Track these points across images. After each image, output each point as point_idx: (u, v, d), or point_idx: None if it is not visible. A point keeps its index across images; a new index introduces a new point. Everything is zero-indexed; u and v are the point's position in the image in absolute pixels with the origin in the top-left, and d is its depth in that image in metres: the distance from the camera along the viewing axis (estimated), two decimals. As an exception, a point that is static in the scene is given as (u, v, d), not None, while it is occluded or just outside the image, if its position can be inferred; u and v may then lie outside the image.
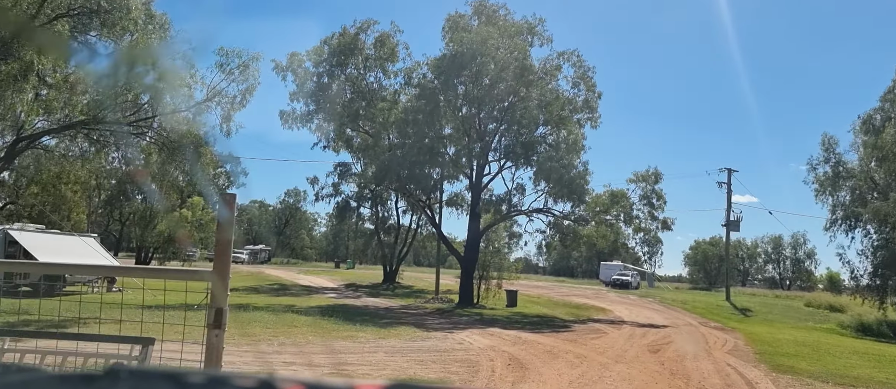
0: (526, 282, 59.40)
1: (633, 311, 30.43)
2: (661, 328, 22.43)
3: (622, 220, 28.30)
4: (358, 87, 27.37)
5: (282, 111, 26.12)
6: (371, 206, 43.30)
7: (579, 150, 28.20)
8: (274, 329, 13.63)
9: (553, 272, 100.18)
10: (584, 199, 27.23)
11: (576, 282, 69.34)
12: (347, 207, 42.61)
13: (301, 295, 30.41)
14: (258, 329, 13.26)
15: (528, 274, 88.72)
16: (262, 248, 79.04)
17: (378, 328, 15.98)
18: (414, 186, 26.70)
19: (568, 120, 27.97)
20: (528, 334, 17.09)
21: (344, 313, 21.05)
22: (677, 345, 16.27)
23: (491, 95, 27.23)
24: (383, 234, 44.46)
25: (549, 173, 25.57)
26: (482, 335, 15.91)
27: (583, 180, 26.74)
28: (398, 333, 15.17)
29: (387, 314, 22.38)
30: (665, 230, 27.90)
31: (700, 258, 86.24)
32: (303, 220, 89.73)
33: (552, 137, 28.50)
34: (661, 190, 28.10)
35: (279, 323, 14.85)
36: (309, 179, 41.12)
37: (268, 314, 17.23)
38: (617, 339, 17.08)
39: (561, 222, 28.43)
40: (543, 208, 28.29)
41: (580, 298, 38.79)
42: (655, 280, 69.86)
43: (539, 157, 26.01)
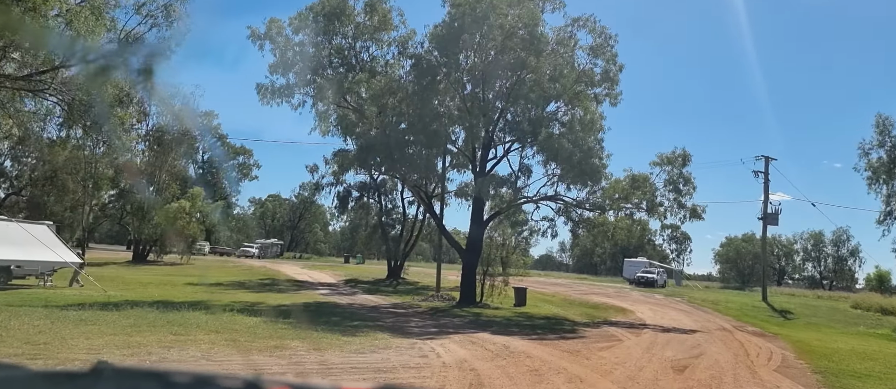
0: (544, 279, 55.97)
1: (658, 312, 26.92)
2: (688, 333, 18.98)
3: (645, 207, 24.76)
4: (346, 58, 24.34)
5: (259, 85, 23.19)
6: (374, 196, 40.35)
7: (596, 130, 24.76)
8: (188, 336, 10.67)
9: (576, 270, 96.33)
10: (600, 183, 23.80)
11: (598, 280, 65.59)
12: (349, 197, 39.77)
13: (286, 291, 27.62)
14: (161, 336, 10.32)
15: (549, 271, 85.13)
16: (274, 242, 76.89)
17: (336, 333, 12.94)
18: (406, 168, 23.54)
19: (584, 96, 24.51)
20: (522, 342, 13.87)
21: (314, 313, 18.09)
22: (710, 358, 12.89)
23: (497, 67, 23.94)
24: (387, 226, 41.52)
25: (559, 152, 22.22)
26: (462, 344, 12.76)
27: (598, 160, 23.32)
28: (355, 341, 12.11)
29: (368, 314, 19.36)
30: (694, 219, 24.29)
31: (732, 254, 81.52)
32: (317, 214, 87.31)
33: (566, 116, 25.11)
34: (690, 174, 24.53)
35: (206, 327, 11.89)
36: (308, 167, 38.36)
37: (211, 316, 14.33)
38: (633, 349, 13.76)
39: (572, 210, 25.03)
40: (553, 194, 24.92)
41: (599, 297, 35.31)
42: (683, 279, 65.67)
43: (548, 134, 22.66)
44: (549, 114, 24.97)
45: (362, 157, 22.72)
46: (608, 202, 25.16)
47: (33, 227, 21.96)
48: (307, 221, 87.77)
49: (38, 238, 21.10)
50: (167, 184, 47.20)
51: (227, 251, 71.58)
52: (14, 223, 21.41)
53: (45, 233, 21.70)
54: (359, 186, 39.84)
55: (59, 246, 21.74)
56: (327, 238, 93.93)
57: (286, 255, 77.21)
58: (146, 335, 10.21)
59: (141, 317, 12.81)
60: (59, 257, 21.14)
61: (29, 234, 20.80)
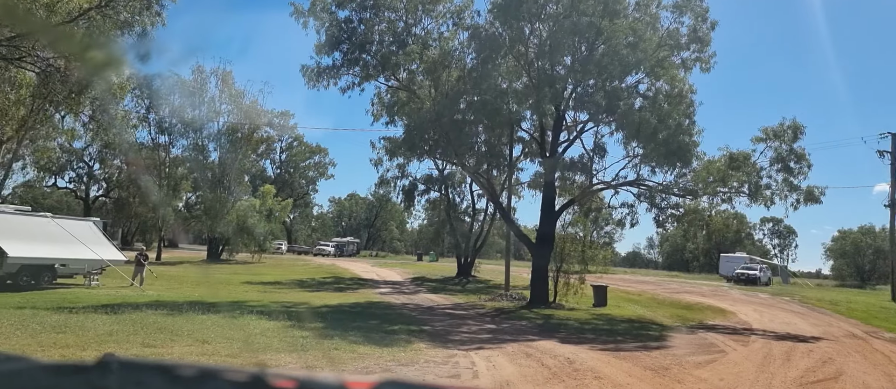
0: (629, 276, 51.74)
1: (765, 314, 22.91)
2: (810, 341, 15.27)
3: (746, 191, 20.93)
4: (397, 33, 22.11)
5: (303, 66, 21.41)
6: (440, 188, 38.13)
7: (686, 103, 21.21)
8: (162, 347, 8.68)
9: (666, 267, 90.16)
10: (690, 163, 20.26)
11: (690, 277, 60.28)
12: (414, 190, 37.73)
13: (344, 290, 25.83)
14: (130, 346, 8.37)
15: (636, 269, 79.92)
16: (350, 240, 76.58)
17: (360, 343, 10.63)
18: (465, 152, 20.90)
19: (668, 63, 21.03)
20: (592, 353, 11.01)
21: (356, 315, 15.96)
22: (854, 381, 9.52)
23: (566, 35, 20.95)
24: (457, 221, 39.15)
25: (640, 129, 18.93)
26: (514, 357, 10.10)
27: (688, 137, 19.81)
28: (377, 353, 9.74)
29: (417, 316, 17.01)
30: (810, 203, 20.18)
31: (848, 249, 72.95)
32: (393, 212, 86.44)
33: (649, 89, 21.69)
34: (804, 150, 20.46)
35: (196, 335, 9.89)
36: (372, 160, 36.47)
37: (226, 319, 12.45)
38: (742, 366, 10.54)
39: (657, 195, 21.56)
40: (635, 177, 21.57)
41: (693, 295, 31.32)
42: (791, 276, 59.09)
43: (627, 107, 19.41)
44: (628, 87, 21.66)
45: (410, 139, 20.40)
46: (701, 186, 21.51)
47: (78, 224, 21.27)
48: (383, 219, 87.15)
49: (84, 236, 20.31)
50: (238, 182, 47.13)
51: (304, 250, 71.90)
52: (59, 220, 20.76)
53: (91, 230, 20.93)
54: (425, 178, 37.76)
55: (104, 244, 20.89)
56: (403, 236, 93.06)
57: (362, 253, 76.76)
58: (110, 346, 8.30)
59: (137, 321, 11.07)
60: (103, 255, 20.25)
61: (74, 231, 20.03)
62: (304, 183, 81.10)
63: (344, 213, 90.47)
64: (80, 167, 56.98)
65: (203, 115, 45.97)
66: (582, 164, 21.52)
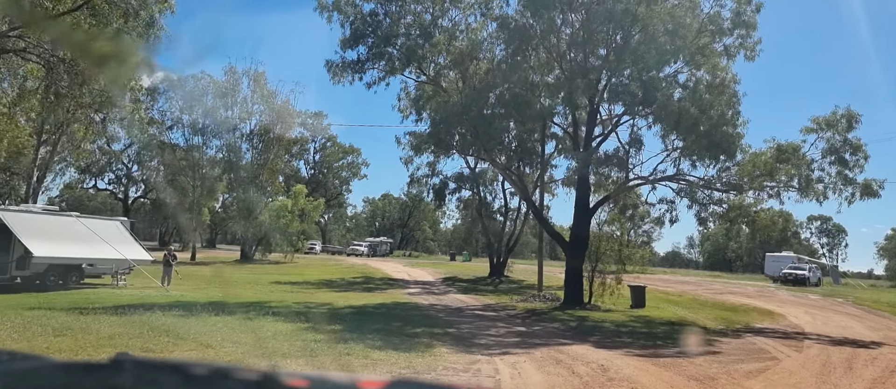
0: (669, 276, 50.02)
1: (818, 317, 21.45)
2: (872, 347, 13.98)
3: (796, 186, 19.56)
4: (423, 26, 21.43)
5: (328, 61, 20.94)
6: (472, 187, 37.30)
7: (728, 93, 19.95)
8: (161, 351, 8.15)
9: (707, 267, 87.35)
10: (734, 156, 19.01)
11: (733, 277, 58.04)
12: (445, 189, 36.97)
13: (372, 291, 25.29)
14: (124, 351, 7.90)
15: (676, 268, 77.56)
16: (383, 241, 76.35)
17: (376, 348, 9.94)
18: (493, 147, 20.03)
19: (709, 50, 19.83)
20: (629, 360, 10.09)
21: (379, 316, 15.32)
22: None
23: (599, 23, 19.96)
24: (489, 220, 38.27)
25: (680, 119, 17.79)
26: (542, 363, 9.29)
27: (732, 127, 18.58)
28: (392, 358, 9.05)
29: (444, 318, 16.28)
30: (867, 197, 18.69)
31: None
32: (426, 212, 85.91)
33: (689, 79, 20.50)
34: (860, 140, 18.98)
35: (202, 339, 9.36)
36: (402, 159, 35.90)
37: (239, 321, 11.95)
38: (798, 375, 9.48)
39: (699, 191, 20.34)
40: (674, 172, 20.41)
41: (737, 296, 29.82)
42: (842, 276, 56.30)
43: (665, 96, 18.30)
44: (667, 77, 20.50)
45: (436, 133, 19.66)
46: (746, 181, 20.20)
47: (105, 223, 21.21)
48: (416, 219, 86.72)
49: (111, 236, 20.20)
50: (270, 182, 47.22)
51: (338, 250, 71.98)
52: (85, 220, 20.71)
53: (118, 230, 20.82)
54: (455, 177, 36.97)
55: (132, 244, 20.76)
56: (436, 236, 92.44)
57: (396, 253, 76.46)
58: (105, 351, 7.80)
59: (145, 324, 10.64)
60: (131, 254, 20.11)
61: (101, 231, 19.94)
62: (338, 184, 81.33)
63: (377, 213, 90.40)
64: (119, 169, 58.10)
65: (235, 115, 46.26)
66: (618, 158, 20.46)
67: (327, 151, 78.12)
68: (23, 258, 17.26)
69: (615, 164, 20.30)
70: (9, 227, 17.09)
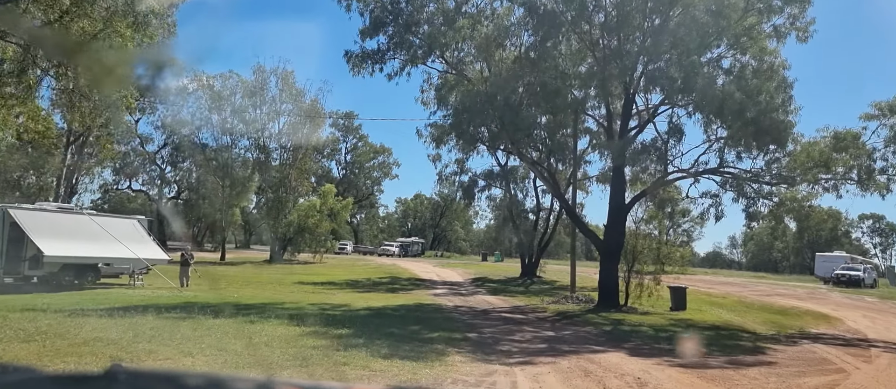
0: (710, 277, 47.76)
1: (879, 321, 19.57)
2: (949, 358, 12.30)
3: (855, 177, 17.80)
4: (447, 14, 20.35)
5: (348, 52, 20.00)
6: (502, 184, 36.04)
7: (777, 79, 18.29)
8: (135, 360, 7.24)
9: (751, 268, 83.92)
10: (786, 146, 17.37)
11: (780, 278, 55.24)
12: (474, 186, 35.80)
13: (397, 292, 24.32)
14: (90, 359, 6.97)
15: (717, 269, 74.62)
16: (415, 241, 75.53)
17: (382, 356, 8.90)
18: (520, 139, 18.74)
19: (756, 32, 18.22)
20: (670, 371, 8.81)
21: (397, 319, 14.28)
22: None
23: (634, 5, 18.55)
24: (520, 219, 36.95)
25: (724, 105, 16.26)
26: (569, 375, 8.09)
27: (782, 114, 16.96)
28: (395, 368, 7.97)
29: (467, 321, 15.15)
30: (939, 190, 16.88)
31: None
32: (458, 211, 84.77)
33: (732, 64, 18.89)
34: (928, 127, 17.12)
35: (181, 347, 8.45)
36: (430, 156, 34.90)
37: (239, 324, 11.07)
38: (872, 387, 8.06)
39: (746, 185, 18.71)
40: (718, 164, 18.82)
41: (787, 298, 27.87)
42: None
43: (708, 79, 16.79)
44: (709, 61, 18.93)
45: (459, 124, 18.50)
46: (798, 173, 18.50)
47: (121, 222, 20.74)
48: (448, 219, 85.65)
49: (128, 235, 19.71)
50: (300, 182, 46.81)
51: (369, 250, 71.45)
52: (101, 218, 20.27)
53: (135, 229, 20.32)
54: (485, 174, 35.75)
55: (148, 243, 20.24)
56: (468, 236, 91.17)
57: (427, 254, 75.56)
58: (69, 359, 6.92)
59: (132, 327, 9.82)
60: (147, 254, 19.56)
61: (117, 230, 19.45)
62: (369, 184, 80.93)
63: (409, 213, 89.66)
64: (153, 170, 58.68)
65: (264, 115, 46.00)
66: (656, 148, 18.99)
67: (358, 151, 77.77)
68: (36, 257, 16.83)
69: (654, 155, 18.82)
70: (21, 226, 16.67)
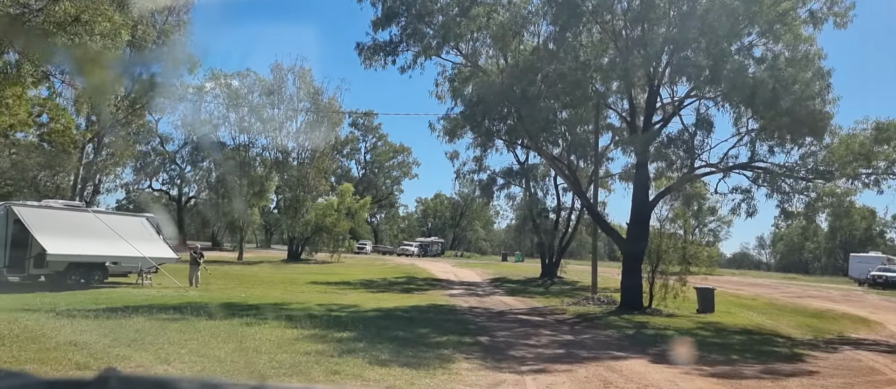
0: (738, 278, 46.19)
1: (924, 326, 18.29)
2: None
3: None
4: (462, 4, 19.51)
5: (359, 44, 19.30)
6: (521, 182, 35.11)
7: (812, 68, 17.13)
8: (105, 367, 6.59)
9: (780, 269, 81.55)
10: (823, 136, 16.24)
11: (811, 279, 53.33)
12: (493, 185, 34.92)
13: (411, 292, 23.61)
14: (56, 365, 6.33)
15: (744, 270, 72.62)
16: (434, 240, 74.83)
17: (377, 364, 8.15)
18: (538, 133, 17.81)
19: (791, 17, 17.10)
20: (701, 381, 7.94)
21: (405, 321, 13.54)
22: None
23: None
24: (540, 218, 35.96)
25: (756, 94, 15.20)
26: (588, 385, 7.25)
27: (819, 103, 15.83)
28: (391, 377, 7.20)
29: (481, 323, 14.35)
30: None
31: None
32: (478, 211, 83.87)
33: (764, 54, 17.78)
34: (980, 116, 15.84)
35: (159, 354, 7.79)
36: (448, 154, 34.19)
37: (234, 326, 10.43)
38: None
39: (779, 179, 17.58)
40: (748, 158, 17.74)
41: (820, 301, 26.53)
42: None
43: (738, 66, 15.74)
44: (740, 49, 17.84)
45: (472, 115, 17.66)
46: (837, 167, 17.33)
47: (129, 220, 20.33)
48: (468, 218, 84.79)
49: (136, 233, 19.28)
50: (317, 180, 46.41)
51: (389, 250, 70.95)
52: (109, 216, 19.88)
53: (143, 227, 19.88)
54: (504, 172, 34.88)
55: (156, 241, 19.78)
56: (489, 236, 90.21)
57: (447, 253, 74.82)
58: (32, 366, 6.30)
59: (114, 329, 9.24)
60: (155, 252, 19.11)
61: (124, 228, 19.03)
62: (389, 183, 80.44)
63: (429, 213, 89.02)
64: (173, 169, 58.86)
65: (282, 113, 45.71)
66: (683, 141, 17.94)
67: (378, 150, 77.31)
68: (41, 255, 16.43)
69: (681, 148, 17.77)
70: (24, 223, 16.28)
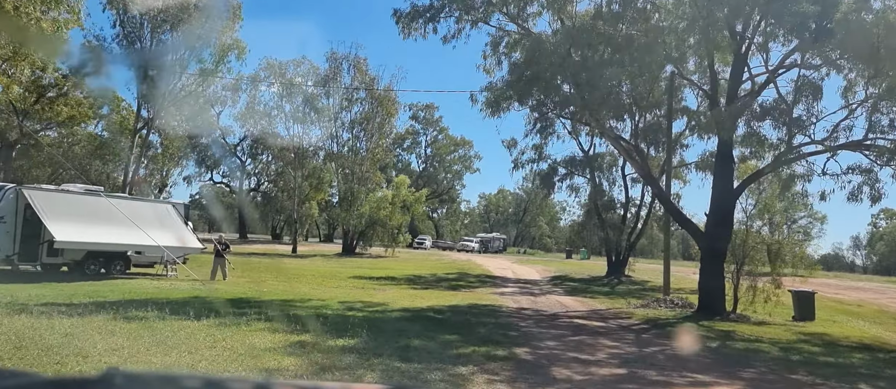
0: (835, 281, 41.18)
1: None
2: None
3: None
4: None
5: (396, 10, 17.22)
6: (585, 172, 32.21)
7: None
8: None
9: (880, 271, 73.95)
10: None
11: (921, 284, 47.29)
12: (554, 175, 32.19)
13: (457, 290, 21.38)
14: None
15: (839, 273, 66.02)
16: (496, 236, 72.32)
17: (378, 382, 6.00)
18: (593, 97, 15.07)
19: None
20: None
21: (435, 325, 11.39)
22: None
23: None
24: (607, 211, 32.93)
25: (882, 44, 12.01)
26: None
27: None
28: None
29: (527, 329, 12.00)
30: None
31: None
32: (542, 207, 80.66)
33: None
34: None
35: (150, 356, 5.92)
36: (505, 142, 31.79)
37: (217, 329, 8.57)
38: None
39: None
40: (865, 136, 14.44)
41: (943, 309, 22.43)
42: None
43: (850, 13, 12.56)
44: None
45: (518, 82, 15.13)
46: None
47: (155, 206, 19.13)
48: (531, 214, 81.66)
49: (160, 221, 18.03)
50: (372, 172, 44.98)
51: (449, 246, 69.07)
52: (133, 202, 18.71)
53: (169, 214, 18.59)
54: (566, 161, 32.11)
55: (181, 230, 18.44)
56: (553, 232, 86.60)
57: (509, 250, 72.14)
58: None
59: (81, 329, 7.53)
60: (180, 242, 17.77)
61: (149, 215, 17.80)
62: (450, 177, 78.50)
63: (491, 208, 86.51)
64: (233, 162, 59.14)
65: (337, 103, 44.56)
66: (780, 111, 14.82)
67: (438, 144, 75.52)
68: (52, 243, 15.30)
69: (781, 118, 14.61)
70: (35, 208, 15.15)
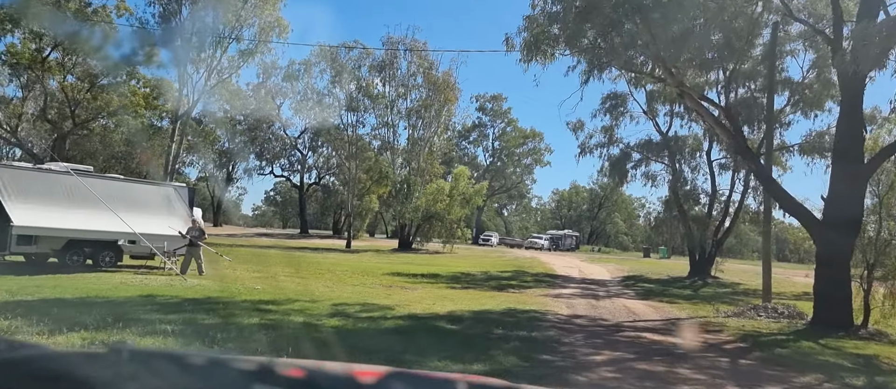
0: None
1: None
2: None
3: None
4: None
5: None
6: (663, 158, 28.09)
7: None
8: None
9: None
10: None
11: None
12: (627, 160, 28.26)
13: (505, 290, 18.20)
14: None
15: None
16: (567, 234, 68.07)
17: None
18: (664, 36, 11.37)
19: None
20: None
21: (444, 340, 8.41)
22: None
23: None
24: (689, 202, 28.66)
25: None
26: None
27: None
28: None
29: (572, 347, 8.78)
30: None
31: None
32: (618, 203, 75.44)
33: None
34: None
35: None
36: (569, 124, 28.24)
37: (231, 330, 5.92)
38: None
39: None
40: None
41: None
42: None
43: None
44: None
45: (566, 16, 11.57)
46: None
47: (154, 189, 16.90)
48: (607, 210, 76.55)
49: (159, 206, 15.92)
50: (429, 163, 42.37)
51: (517, 243, 65.62)
52: (127, 184, 16.58)
53: (170, 199, 16.35)
54: (641, 145, 28.08)
55: (185, 216, 16.16)
56: (631, 230, 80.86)
57: (583, 248, 67.72)
58: None
59: None
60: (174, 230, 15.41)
61: (146, 200, 15.72)
62: (519, 172, 74.87)
63: (563, 204, 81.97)
64: (293, 155, 58.31)
65: (393, 91, 42.26)
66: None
67: (506, 136, 72.03)
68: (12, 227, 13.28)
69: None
70: (1, 188, 13.16)
